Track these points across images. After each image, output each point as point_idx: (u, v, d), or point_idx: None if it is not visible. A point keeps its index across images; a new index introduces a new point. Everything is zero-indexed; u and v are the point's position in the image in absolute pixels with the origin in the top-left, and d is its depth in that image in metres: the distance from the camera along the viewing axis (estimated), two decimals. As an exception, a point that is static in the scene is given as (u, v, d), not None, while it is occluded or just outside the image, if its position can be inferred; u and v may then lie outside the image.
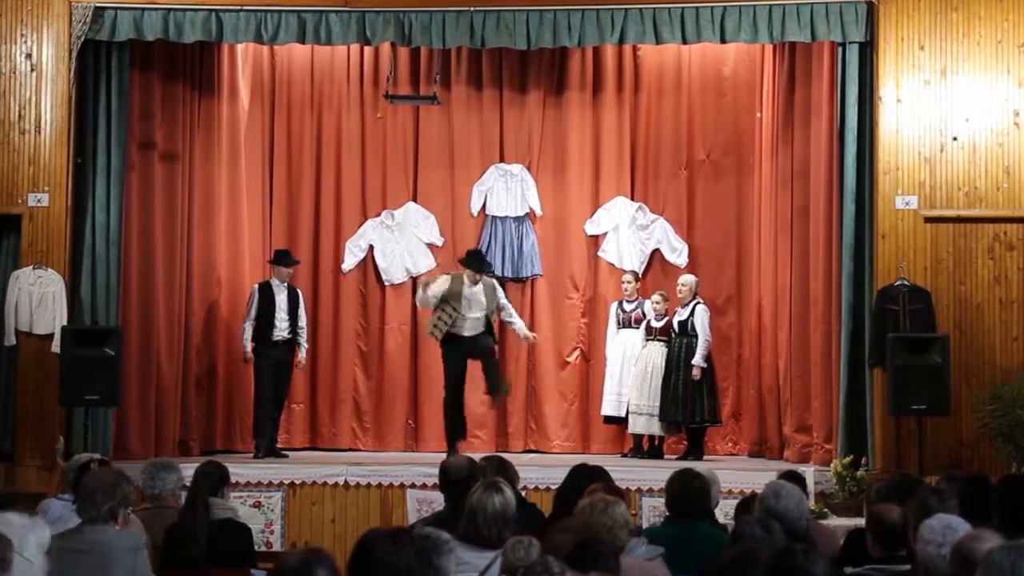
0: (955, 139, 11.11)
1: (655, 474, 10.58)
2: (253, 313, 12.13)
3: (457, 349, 11.90)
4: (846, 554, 6.10)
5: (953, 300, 11.04)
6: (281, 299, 12.15)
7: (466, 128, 13.48)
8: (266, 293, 12.15)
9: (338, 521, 10.98)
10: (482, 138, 13.51)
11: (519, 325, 12.36)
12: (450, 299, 11.84)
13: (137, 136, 11.97)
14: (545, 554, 4.68)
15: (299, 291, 12.47)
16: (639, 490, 10.69)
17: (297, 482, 11.10)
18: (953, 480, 6.59)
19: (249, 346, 12.16)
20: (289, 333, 12.17)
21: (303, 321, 12.33)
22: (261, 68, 13.46)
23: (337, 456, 12.35)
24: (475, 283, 11.89)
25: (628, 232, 13.28)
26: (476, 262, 12.06)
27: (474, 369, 12.23)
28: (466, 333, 11.87)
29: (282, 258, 12.38)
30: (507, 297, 12.45)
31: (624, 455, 12.55)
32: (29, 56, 11.40)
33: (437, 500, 9.05)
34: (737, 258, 13.33)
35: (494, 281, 12.26)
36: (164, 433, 12.02)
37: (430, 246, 13.42)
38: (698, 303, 12.20)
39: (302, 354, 12.38)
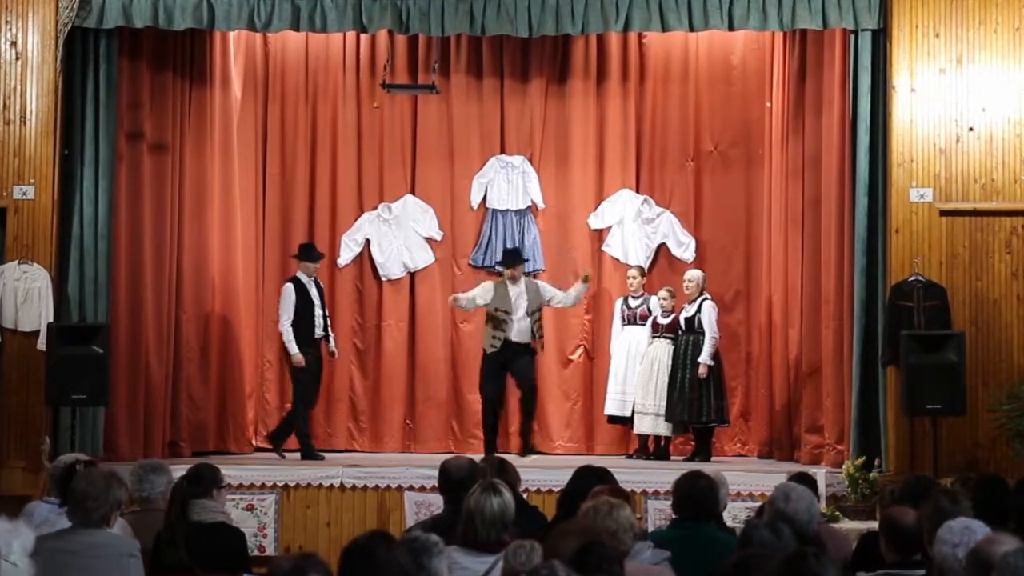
0: (971, 130, 11.09)
1: (661, 476, 10.58)
2: (292, 312, 12.11)
3: (496, 359, 12.15)
4: (859, 558, 6.11)
5: (969, 296, 11.03)
6: (315, 294, 12.18)
7: (466, 118, 13.47)
8: (302, 289, 12.16)
9: (333, 525, 10.97)
10: (482, 129, 13.50)
11: (574, 294, 12.47)
12: (497, 303, 12.14)
13: (126, 127, 11.95)
14: (546, 559, 4.68)
15: (321, 284, 12.50)
16: (644, 492, 10.68)
17: (291, 484, 11.09)
18: (967, 482, 6.59)
19: (294, 347, 12.04)
20: (323, 329, 12.20)
21: (327, 312, 12.42)
22: (254, 56, 13.46)
23: (332, 457, 12.31)
24: (515, 281, 12.04)
25: (633, 226, 13.27)
26: (507, 258, 12.35)
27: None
28: (513, 338, 12.09)
29: (307, 253, 12.36)
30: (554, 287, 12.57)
31: (629, 456, 12.56)
32: (14, 44, 11.38)
33: (436, 503, 9.04)
34: (746, 253, 13.33)
35: (538, 281, 12.45)
36: (153, 433, 12.02)
37: (428, 240, 13.42)
38: (705, 299, 12.19)
39: (333, 345, 12.42)
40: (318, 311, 12.15)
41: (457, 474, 6.61)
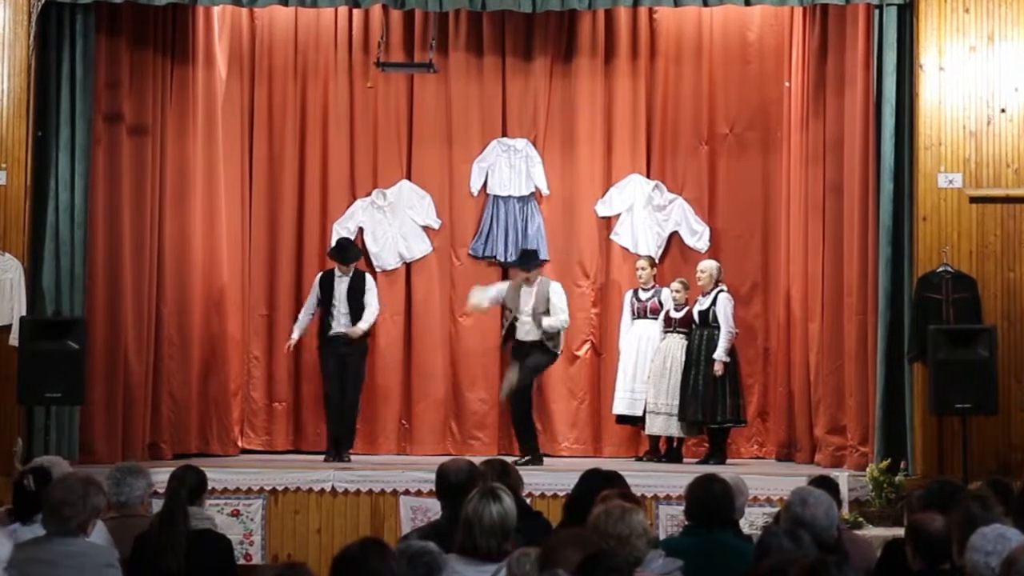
0: (1003, 111, 11.08)
1: (674, 479, 10.60)
2: (309, 303, 12.38)
3: (514, 353, 12.22)
4: (883, 567, 6.09)
5: (1001, 288, 11.01)
6: (340, 290, 12.18)
7: (465, 99, 13.46)
8: (326, 284, 12.25)
9: (324, 531, 10.98)
10: (483, 110, 13.49)
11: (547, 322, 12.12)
12: (508, 301, 12.24)
13: (103, 107, 11.95)
14: (546, 567, 4.68)
15: (367, 276, 12.46)
16: (656, 497, 10.71)
17: (279, 488, 11.09)
18: (998, 486, 6.58)
19: (294, 336, 12.38)
20: (347, 327, 12.18)
21: (370, 310, 12.27)
22: (240, 33, 13.45)
23: (323, 460, 12.32)
24: (529, 284, 12.10)
25: (643, 213, 13.27)
26: (521, 259, 12.46)
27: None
28: (519, 336, 12.07)
29: (336, 254, 12.39)
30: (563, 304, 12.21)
31: (639, 458, 12.57)
32: (-16, 20, 11.37)
33: (433, 508, 9.06)
34: (763, 242, 13.33)
35: (552, 286, 12.18)
36: (132, 434, 12.02)
37: (426, 229, 13.42)
38: (720, 291, 12.19)
39: (361, 324, 12.19)
40: (339, 307, 12.16)
41: (456, 477, 6.60)
